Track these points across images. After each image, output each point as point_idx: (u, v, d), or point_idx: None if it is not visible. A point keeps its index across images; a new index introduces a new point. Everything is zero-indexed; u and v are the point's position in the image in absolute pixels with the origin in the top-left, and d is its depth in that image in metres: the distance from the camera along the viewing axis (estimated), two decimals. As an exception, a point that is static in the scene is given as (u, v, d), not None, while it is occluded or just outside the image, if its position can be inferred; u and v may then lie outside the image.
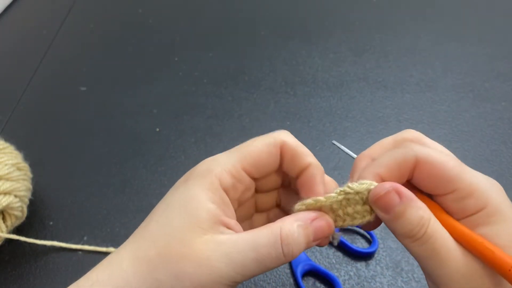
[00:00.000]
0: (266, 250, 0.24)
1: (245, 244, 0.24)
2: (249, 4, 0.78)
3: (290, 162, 0.28)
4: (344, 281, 0.42)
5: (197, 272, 0.23)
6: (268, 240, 0.24)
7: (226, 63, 0.67)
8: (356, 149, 0.54)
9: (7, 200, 0.42)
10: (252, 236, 0.24)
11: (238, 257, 0.24)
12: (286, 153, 0.28)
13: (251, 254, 0.24)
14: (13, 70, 0.68)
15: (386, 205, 0.24)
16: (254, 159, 0.27)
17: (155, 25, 0.75)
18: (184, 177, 0.27)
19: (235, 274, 0.24)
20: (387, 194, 0.24)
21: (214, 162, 0.27)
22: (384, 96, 0.60)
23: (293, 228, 0.25)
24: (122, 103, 0.61)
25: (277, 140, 0.27)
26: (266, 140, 0.27)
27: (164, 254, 0.24)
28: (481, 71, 0.63)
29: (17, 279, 0.43)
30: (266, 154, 0.27)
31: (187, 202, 0.25)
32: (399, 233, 0.24)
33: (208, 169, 0.26)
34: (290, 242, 0.24)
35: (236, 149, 0.28)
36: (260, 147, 0.27)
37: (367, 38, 0.70)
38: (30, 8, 0.81)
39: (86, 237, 0.46)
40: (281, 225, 0.25)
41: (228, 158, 0.27)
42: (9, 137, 0.48)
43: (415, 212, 0.23)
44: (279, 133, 0.28)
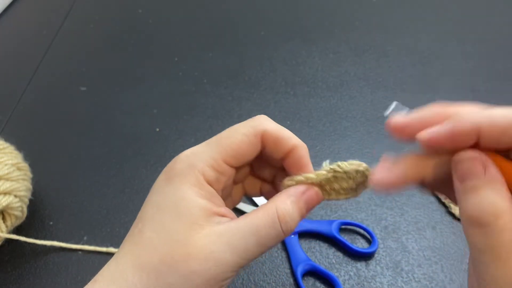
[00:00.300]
0: (266, 231, 0.25)
1: (244, 230, 0.25)
2: (249, 4, 0.78)
3: (273, 148, 0.28)
4: (344, 281, 0.42)
5: (204, 267, 0.24)
6: (267, 222, 0.25)
7: (226, 63, 0.67)
8: (356, 149, 0.54)
9: (7, 200, 0.42)
10: (250, 221, 0.25)
11: (241, 243, 0.24)
12: (268, 140, 0.27)
13: (252, 238, 0.24)
14: (13, 70, 0.68)
15: (465, 172, 0.21)
16: (235, 150, 0.27)
17: (155, 25, 0.75)
18: (165, 176, 0.27)
19: (240, 259, 0.24)
20: (472, 161, 0.21)
21: (194, 156, 0.27)
22: (384, 96, 0.60)
23: (287, 205, 0.26)
24: (122, 103, 0.61)
25: (257, 129, 0.27)
26: (246, 129, 0.27)
27: (168, 259, 0.24)
28: (481, 71, 0.63)
29: (17, 279, 0.43)
30: (246, 145, 0.27)
31: (178, 202, 0.25)
32: (466, 211, 0.21)
33: (190, 165, 0.26)
34: (287, 220, 0.25)
35: (215, 141, 0.27)
36: (240, 138, 0.27)
37: (367, 38, 0.70)
38: (30, 8, 0.81)
39: (86, 237, 0.46)
40: (276, 205, 0.26)
41: (207, 151, 0.27)
42: (9, 137, 0.48)
43: (493, 196, 0.20)
44: (258, 120, 0.28)
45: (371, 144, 0.54)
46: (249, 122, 0.28)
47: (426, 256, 0.43)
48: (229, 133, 0.27)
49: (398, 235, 0.45)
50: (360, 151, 0.54)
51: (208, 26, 0.74)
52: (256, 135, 0.27)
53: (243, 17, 0.76)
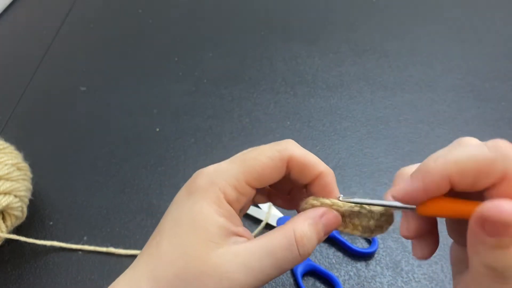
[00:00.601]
0: (283, 254, 0.24)
1: (261, 251, 0.24)
2: (249, 4, 0.78)
3: (299, 174, 0.27)
4: (344, 281, 0.42)
5: (218, 287, 0.23)
6: (284, 244, 0.24)
7: (226, 63, 0.67)
8: (356, 149, 0.54)
9: (7, 200, 0.42)
10: (266, 242, 0.25)
11: (256, 265, 0.24)
12: (294, 166, 0.27)
13: (269, 260, 0.24)
14: (13, 70, 0.68)
15: (497, 228, 0.19)
16: (259, 173, 0.26)
17: (155, 25, 0.75)
18: (186, 190, 0.27)
19: (255, 281, 0.24)
20: (507, 215, 0.19)
21: (217, 173, 0.26)
22: (384, 96, 0.60)
23: (305, 228, 0.25)
24: (122, 103, 0.61)
25: (283, 154, 0.26)
26: (272, 153, 0.26)
27: (183, 274, 0.24)
28: (481, 71, 0.63)
29: (17, 279, 0.43)
30: (271, 169, 0.26)
31: (195, 217, 0.25)
32: (490, 262, 0.20)
33: (211, 182, 0.26)
34: (305, 243, 0.25)
35: (240, 160, 0.27)
36: (265, 162, 0.26)
37: (367, 38, 0.70)
38: (30, 8, 0.81)
39: (86, 237, 0.46)
40: (293, 228, 0.25)
41: (231, 170, 0.26)
42: (9, 137, 0.48)
43: None
44: (285, 145, 0.27)
45: (371, 144, 0.54)
46: (276, 145, 0.27)
47: (426, 256, 0.43)
48: (255, 155, 0.27)
49: (398, 235, 0.45)
50: (360, 151, 0.54)
51: (208, 26, 0.74)
52: (282, 160, 0.26)
53: (243, 17, 0.76)
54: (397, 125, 0.56)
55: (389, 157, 0.53)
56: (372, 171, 0.51)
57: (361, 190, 0.49)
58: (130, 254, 0.45)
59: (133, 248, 0.45)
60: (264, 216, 0.46)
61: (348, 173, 0.51)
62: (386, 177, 0.50)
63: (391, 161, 0.52)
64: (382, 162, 0.52)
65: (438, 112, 0.58)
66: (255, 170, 0.26)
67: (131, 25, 0.76)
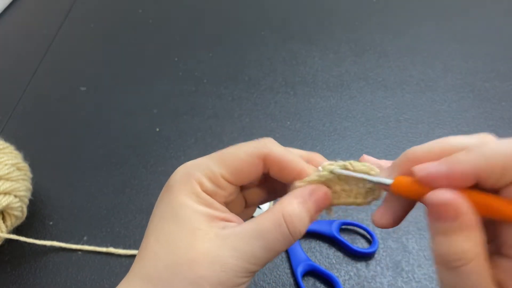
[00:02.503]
0: (273, 235, 0.24)
1: (250, 234, 0.24)
2: (249, 4, 0.78)
3: (278, 172, 0.27)
4: (344, 281, 0.42)
5: (211, 272, 0.23)
6: (273, 225, 0.24)
7: (226, 63, 0.67)
8: (356, 149, 0.54)
9: (7, 200, 0.42)
10: (255, 225, 0.24)
11: (247, 248, 0.24)
12: (272, 164, 0.27)
13: (259, 243, 0.24)
14: (13, 70, 0.68)
15: (438, 214, 0.21)
16: (235, 167, 0.26)
17: (155, 25, 0.75)
18: (166, 186, 0.27)
19: (248, 265, 0.24)
20: (445, 204, 0.20)
21: (193, 166, 0.26)
22: (384, 96, 0.60)
23: (294, 207, 0.25)
24: (122, 103, 0.61)
25: (260, 151, 0.26)
26: (249, 149, 0.26)
27: (172, 265, 0.24)
28: (481, 71, 0.63)
29: (17, 279, 0.43)
30: (247, 164, 0.26)
31: (176, 210, 0.25)
32: (436, 250, 0.21)
33: (187, 174, 0.26)
34: (294, 222, 0.24)
35: (217, 155, 0.27)
36: (242, 157, 0.26)
37: (367, 38, 0.70)
38: (30, 8, 0.81)
39: (86, 237, 0.46)
40: (282, 207, 0.25)
41: (206, 163, 0.26)
42: (9, 137, 0.48)
43: (463, 242, 0.20)
44: (263, 141, 0.27)
45: (371, 144, 0.54)
46: (254, 142, 0.27)
47: (427, 256, 0.43)
48: (233, 150, 0.27)
49: (398, 235, 0.45)
50: (360, 151, 0.54)
51: (208, 26, 0.74)
52: (258, 156, 0.26)
53: (243, 17, 0.76)
54: (397, 125, 0.56)
55: (389, 157, 0.53)
56: (372, 171, 0.51)
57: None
58: (130, 254, 0.45)
59: (133, 248, 0.45)
60: (264, 216, 0.46)
61: (348, 173, 0.51)
62: (386, 177, 0.50)
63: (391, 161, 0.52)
64: (382, 162, 0.52)
65: (438, 112, 0.58)
66: (231, 164, 0.26)
67: (131, 25, 0.76)
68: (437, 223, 0.21)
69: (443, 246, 0.21)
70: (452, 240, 0.20)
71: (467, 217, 0.20)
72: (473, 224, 0.20)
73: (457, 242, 0.20)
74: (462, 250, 0.20)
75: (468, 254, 0.20)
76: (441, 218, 0.21)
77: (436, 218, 0.21)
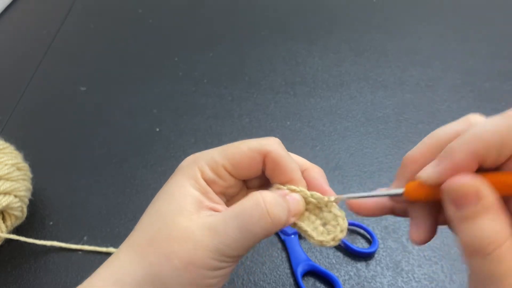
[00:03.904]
0: (249, 214, 0.24)
1: (226, 214, 0.25)
2: (249, 4, 0.78)
3: (271, 172, 0.28)
4: (344, 281, 0.42)
5: (183, 248, 0.24)
6: (251, 204, 0.25)
7: (226, 63, 0.67)
8: (356, 149, 0.54)
9: (7, 200, 0.42)
10: (234, 207, 0.25)
11: (221, 226, 0.24)
12: (268, 163, 0.28)
13: (234, 222, 0.24)
14: (13, 70, 0.68)
15: (459, 200, 0.20)
16: (236, 160, 0.27)
17: (155, 25, 0.75)
18: (174, 172, 0.29)
19: (221, 245, 0.24)
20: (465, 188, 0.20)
21: (200, 155, 0.28)
22: (384, 96, 0.60)
23: (274, 195, 0.26)
24: (122, 103, 0.61)
25: (263, 148, 0.27)
26: (252, 145, 0.27)
27: (154, 239, 0.25)
28: (481, 71, 0.63)
29: (17, 279, 0.43)
30: (248, 159, 0.27)
31: (173, 189, 0.27)
32: (464, 239, 0.20)
33: (193, 161, 0.28)
34: (273, 205, 0.25)
35: (223, 148, 0.28)
36: (244, 151, 0.27)
37: (367, 38, 0.70)
38: (30, 8, 0.81)
39: (86, 237, 0.46)
40: (261, 193, 0.25)
41: (212, 153, 0.28)
42: (9, 137, 0.48)
43: (490, 224, 0.19)
44: (268, 140, 0.28)
45: (371, 144, 0.54)
46: (260, 139, 0.28)
47: (426, 256, 0.43)
48: (237, 144, 0.28)
49: (398, 235, 0.45)
50: (360, 151, 0.54)
51: (208, 26, 0.74)
52: (260, 153, 0.27)
53: (243, 17, 0.76)
54: (397, 125, 0.56)
55: (389, 157, 0.53)
56: (372, 171, 0.51)
57: (361, 190, 0.49)
58: (130, 254, 0.45)
59: (133, 248, 0.45)
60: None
61: (348, 173, 0.51)
62: (386, 177, 0.50)
63: (391, 161, 0.52)
64: (382, 162, 0.52)
65: (438, 112, 0.58)
66: (233, 157, 0.27)
67: (131, 25, 0.76)
68: (460, 211, 0.20)
69: (471, 233, 0.20)
70: (479, 224, 0.19)
71: (489, 197, 0.20)
72: (497, 204, 0.20)
73: (484, 224, 0.19)
74: (491, 233, 0.19)
75: (499, 236, 0.19)
76: (463, 203, 0.20)
77: (458, 205, 0.20)
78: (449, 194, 0.21)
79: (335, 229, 0.27)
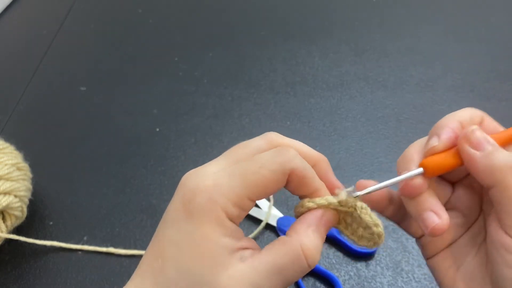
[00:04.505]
0: (292, 270, 0.24)
1: (268, 270, 0.24)
2: (249, 4, 0.78)
3: (296, 188, 0.27)
4: (344, 281, 0.42)
5: None
6: (292, 260, 0.24)
7: (226, 63, 0.67)
8: (356, 149, 0.54)
9: (7, 200, 0.42)
10: (273, 260, 0.24)
11: (265, 284, 0.24)
12: (293, 181, 0.26)
13: (278, 278, 0.24)
14: (13, 70, 0.68)
15: (479, 142, 0.25)
16: (261, 188, 0.25)
17: (155, 25, 0.75)
18: (184, 210, 0.25)
19: None
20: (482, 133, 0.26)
21: (217, 190, 0.24)
22: (384, 96, 0.60)
23: (311, 237, 0.25)
24: (122, 103, 0.61)
25: (285, 167, 0.25)
26: (274, 166, 0.25)
27: None
28: (481, 71, 0.63)
29: (17, 279, 0.43)
30: (273, 183, 0.25)
31: (200, 243, 0.24)
32: (482, 169, 0.25)
33: (212, 201, 0.24)
34: (313, 253, 0.25)
35: (240, 175, 0.25)
36: (268, 176, 0.25)
37: (367, 38, 0.70)
38: (30, 8, 0.81)
39: (86, 237, 0.46)
40: (300, 242, 0.25)
41: (232, 186, 0.25)
42: (9, 137, 0.48)
43: (503, 153, 0.25)
44: (287, 156, 0.26)
45: (371, 144, 0.54)
46: (277, 157, 0.25)
47: (426, 256, 0.43)
48: (256, 168, 0.25)
49: (398, 235, 0.45)
50: (360, 151, 0.54)
51: (208, 26, 0.74)
52: (284, 174, 0.25)
53: (243, 17, 0.76)
54: (397, 125, 0.56)
55: (389, 157, 0.53)
56: (372, 171, 0.51)
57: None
58: (130, 254, 0.45)
59: (133, 248, 0.45)
60: (264, 216, 0.46)
61: (348, 173, 0.51)
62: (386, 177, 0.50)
63: (391, 161, 0.52)
64: (382, 162, 0.52)
65: (438, 112, 0.58)
66: (257, 186, 0.25)
67: (131, 25, 0.76)
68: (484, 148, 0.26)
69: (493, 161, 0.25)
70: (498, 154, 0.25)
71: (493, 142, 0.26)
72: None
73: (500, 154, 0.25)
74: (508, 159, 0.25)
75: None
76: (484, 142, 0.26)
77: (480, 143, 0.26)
78: (467, 139, 0.26)
79: (372, 236, 0.27)
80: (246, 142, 0.27)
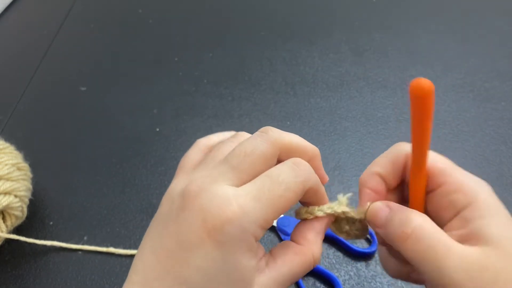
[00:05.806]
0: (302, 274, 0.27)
1: (286, 280, 0.26)
2: (249, 4, 0.78)
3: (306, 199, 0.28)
4: (344, 281, 0.42)
5: None
6: (305, 269, 0.27)
7: (226, 63, 0.67)
8: (356, 149, 0.54)
9: (7, 200, 0.42)
10: (289, 269, 0.26)
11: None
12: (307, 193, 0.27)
13: (291, 283, 0.26)
14: (13, 70, 0.68)
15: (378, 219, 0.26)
16: (285, 209, 0.26)
17: (155, 25, 0.75)
18: (210, 237, 0.24)
19: None
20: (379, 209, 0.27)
21: (246, 218, 0.24)
22: (384, 96, 0.60)
23: (319, 246, 0.27)
24: (122, 103, 0.61)
25: (306, 185, 0.26)
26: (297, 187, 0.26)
27: None
28: (481, 71, 0.63)
29: (17, 279, 0.43)
30: (292, 203, 0.26)
31: (231, 272, 0.24)
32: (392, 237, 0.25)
33: (243, 230, 0.24)
34: (319, 259, 0.28)
35: (268, 200, 0.25)
36: (291, 198, 0.25)
37: (367, 38, 0.70)
38: (30, 8, 0.81)
39: (86, 237, 0.46)
40: (311, 250, 0.27)
41: (260, 211, 0.24)
42: (9, 137, 0.48)
43: (402, 214, 0.25)
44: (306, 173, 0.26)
45: (371, 144, 0.54)
46: (298, 177, 0.26)
47: (426, 256, 0.43)
48: (281, 191, 0.25)
49: (398, 235, 0.45)
50: (360, 151, 0.54)
51: (208, 26, 0.74)
52: (303, 192, 0.26)
53: (243, 17, 0.76)
54: (397, 125, 0.56)
55: (389, 157, 0.53)
56: (372, 171, 0.51)
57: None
58: (130, 254, 0.45)
59: (133, 248, 0.45)
60: (264, 216, 0.46)
61: (348, 173, 0.51)
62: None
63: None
64: (382, 162, 0.52)
65: (438, 112, 0.58)
66: (284, 208, 0.25)
67: (131, 25, 0.76)
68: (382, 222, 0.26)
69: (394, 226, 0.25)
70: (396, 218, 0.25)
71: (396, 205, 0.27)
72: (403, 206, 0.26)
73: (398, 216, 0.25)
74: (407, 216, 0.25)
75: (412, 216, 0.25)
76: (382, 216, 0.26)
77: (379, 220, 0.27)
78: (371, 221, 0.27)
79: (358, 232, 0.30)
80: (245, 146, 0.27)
